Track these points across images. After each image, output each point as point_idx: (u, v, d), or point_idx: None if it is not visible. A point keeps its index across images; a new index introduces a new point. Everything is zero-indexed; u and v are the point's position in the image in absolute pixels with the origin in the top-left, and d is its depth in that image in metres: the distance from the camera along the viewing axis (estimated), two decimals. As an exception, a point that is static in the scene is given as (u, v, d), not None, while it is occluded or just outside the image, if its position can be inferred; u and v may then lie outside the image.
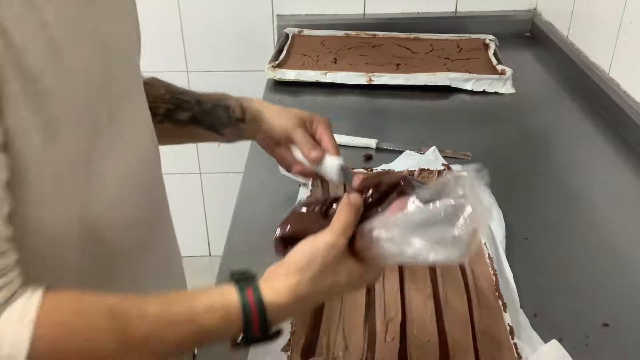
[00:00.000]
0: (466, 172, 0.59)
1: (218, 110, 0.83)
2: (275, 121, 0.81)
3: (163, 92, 0.83)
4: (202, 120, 0.83)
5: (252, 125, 0.83)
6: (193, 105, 0.83)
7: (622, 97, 1.28)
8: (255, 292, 0.55)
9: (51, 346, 0.48)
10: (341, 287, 0.59)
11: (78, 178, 0.57)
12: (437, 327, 0.75)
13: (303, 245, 0.58)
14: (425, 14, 1.84)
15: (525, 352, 0.70)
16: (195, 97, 0.83)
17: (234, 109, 0.83)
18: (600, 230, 0.98)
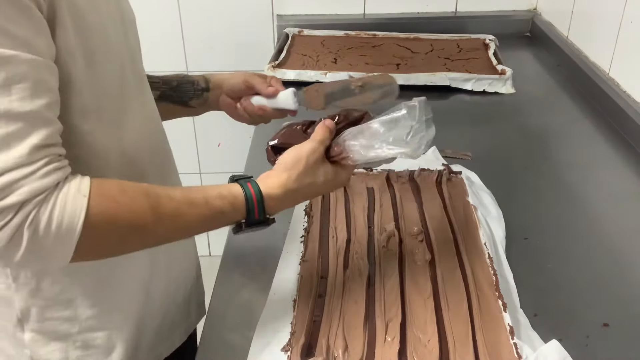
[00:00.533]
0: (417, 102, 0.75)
1: (183, 84, 0.94)
2: (235, 78, 0.92)
3: None
4: (170, 96, 0.93)
5: (215, 92, 0.94)
6: (160, 85, 0.93)
7: (622, 97, 1.28)
8: (254, 185, 0.69)
9: (103, 215, 0.59)
10: (319, 186, 0.74)
11: (113, 106, 0.70)
12: (437, 327, 0.75)
13: (290, 151, 0.73)
14: (425, 14, 1.84)
15: (525, 352, 0.70)
16: (160, 78, 0.93)
17: (197, 81, 0.94)
18: (600, 230, 0.98)
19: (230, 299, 0.83)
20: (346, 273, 0.84)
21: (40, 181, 0.56)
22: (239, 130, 1.28)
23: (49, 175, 0.57)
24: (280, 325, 0.75)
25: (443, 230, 0.92)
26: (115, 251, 0.65)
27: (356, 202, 0.99)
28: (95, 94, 0.67)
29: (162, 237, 0.66)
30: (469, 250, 0.87)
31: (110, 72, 0.69)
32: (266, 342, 0.73)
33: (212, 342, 0.76)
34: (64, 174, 0.59)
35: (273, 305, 0.79)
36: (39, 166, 0.56)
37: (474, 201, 0.98)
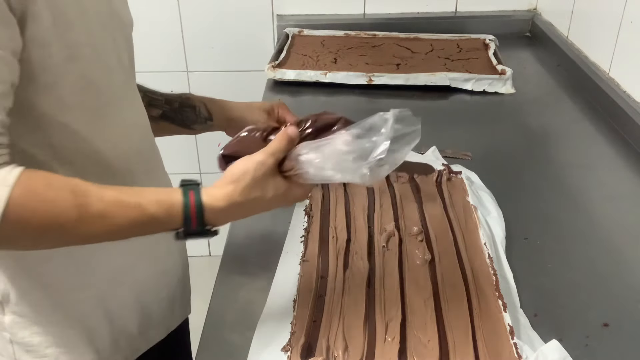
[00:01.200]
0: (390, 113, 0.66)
1: (185, 109, 0.93)
2: (247, 117, 0.91)
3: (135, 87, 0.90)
4: (172, 118, 0.92)
5: (220, 122, 0.94)
6: (163, 104, 0.91)
7: (622, 97, 1.28)
8: (196, 194, 0.66)
9: (22, 207, 0.58)
10: (268, 200, 0.69)
11: (97, 102, 0.70)
12: (437, 327, 0.75)
13: (239, 162, 0.68)
14: (425, 14, 1.84)
15: (525, 352, 0.70)
16: (163, 96, 0.92)
17: (199, 109, 0.93)
18: (600, 230, 0.98)
19: (230, 299, 0.83)
20: (346, 273, 0.84)
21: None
22: (239, 130, 1.28)
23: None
24: (280, 325, 0.75)
25: (443, 230, 0.92)
26: (32, 245, 0.64)
27: (356, 202, 0.99)
28: (77, 88, 0.67)
29: (86, 236, 0.64)
30: (469, 250, 0.87)
31: (95, 69, 0.70)
32: (266, 342, 0.73)
33: (212, 342, 0.76)
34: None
35: (273, 305, 0.79)
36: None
37: (474, 201, 0.98)
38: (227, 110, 0.94)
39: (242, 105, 0.94)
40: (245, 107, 0.94)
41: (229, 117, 0.93)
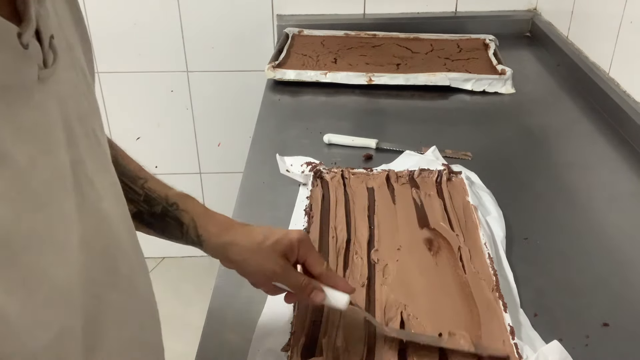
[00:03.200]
0: None
1: (168, 221, 0.69)
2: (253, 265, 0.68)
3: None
4: (149, 224, 0.69)
5: (213, 254, 0.71)
6: (140, 201, 0.68)
7: (622, 97, 1.28)
8: None
9: None
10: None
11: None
12: (437, 327, 0.75)
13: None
14: (425, 14, 1.84)
15: (525, 352, 0.70)
16: (144, 189, 0.68)
17: (187, 227, 0.69)
18: (600, 230, 0.98)
19: (230, 299, 0.83)
20: (346, 273, 0.84)
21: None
22: (239, 130, 1.28)
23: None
24: (280, 325, 0.75)
25: (443, 230, 0.92)
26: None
27: (356, 202, 0.99)
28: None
29: None
30: (469, 250, 0.87)
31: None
32: (266, 342, 0.73)
33: (212, 342, 0.76)
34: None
35: (273, 305, 0.79)
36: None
37: (474, 201, 0.98)
38: (224, 245, 0.69)
39: (246, 245, 0.68)
40: (250, 248, 0.68)
41: (226, 256, 0.70)
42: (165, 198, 0.69)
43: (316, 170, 1.06)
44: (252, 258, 0.68)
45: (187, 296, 2.08)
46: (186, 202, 0.70)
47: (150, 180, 0.69)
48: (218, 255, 0.71)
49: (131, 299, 0.51)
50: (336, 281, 0.69)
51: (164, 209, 0.68)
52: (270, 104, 1.41)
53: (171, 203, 0.69)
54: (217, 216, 0.71)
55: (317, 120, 1.32)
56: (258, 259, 0.67)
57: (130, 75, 1.91)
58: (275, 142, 1.21)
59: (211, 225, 0.69)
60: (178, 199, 0.69)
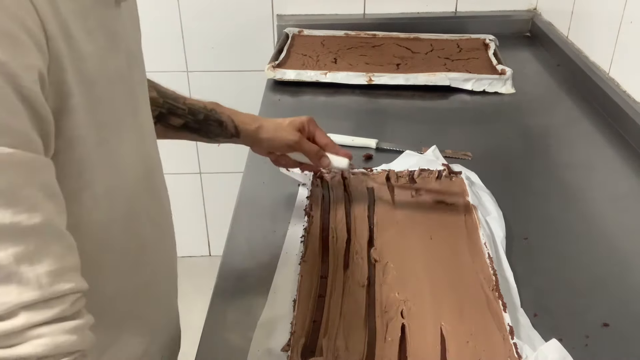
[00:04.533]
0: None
1: (211, 122, 0.88)
2: (277, 138, 0.90)
3: (155, 94, 0.84)
4: (195, 129, 0.88)
5: (247, 140, 0.91)
6: (186, 114, 0.86)
7: (622, 97, 1.28)
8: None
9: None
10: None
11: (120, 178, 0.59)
12: (437, 327, 0.75)
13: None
14: (425, 14, 1.84)
15: (525, 352, 0.70)
16: (187, 105, 0.86)
17: (226, 124, 0.89)
18: (600, 230, 0.98)
19: (230, 299, 0.83)
20: (346, 273, 0.84)
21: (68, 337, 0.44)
22: (239, 130, 1.28)
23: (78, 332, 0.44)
24: (280, 325, 0.75)
25: (443, 230, 0.92)
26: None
27: (356, 202, 0.99)
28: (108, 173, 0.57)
29: None
30: (469, 250, 0.87)
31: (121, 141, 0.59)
32: (266, 343, 0.73)
33: (212, 342, 0.76)
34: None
35: (273, 305, 0.79)
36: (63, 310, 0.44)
37: (474, 201, 0.98)
38: (256, 129, 0.91)
39: (271, 126, 0.91)
40: (274, 127, 0.91)
41: (257, 137, 0.91)
42: (204, 107, 0.88)
43: (316, 170, 1.06)
44: (278, 133, 0.90)
45: (187, 296, 2.08)
46: (219, 107, 0.90)
47: (187, 98, 0.88)
48: (250, 141, 0.91)
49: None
50: (337, 149, 0.94)
51: (206, 115, 0.88)
52: (270, 104, 1.41)
53: (210, 109, 0.88)
54: (245, 114, 0.92)
55: (317, 120, 1.31)
56: (282, 133, 0.90)
57: (130, 75, 1.91)
58: (275, 142, 1.21)
59: (243, 118, 0.90)
60: (214, 106, 0.89)
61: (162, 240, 0.72)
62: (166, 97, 0.85)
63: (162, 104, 0.84)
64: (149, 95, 0.76)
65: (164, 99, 0.85)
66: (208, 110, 0.88)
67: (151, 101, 0.77)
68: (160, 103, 0.84)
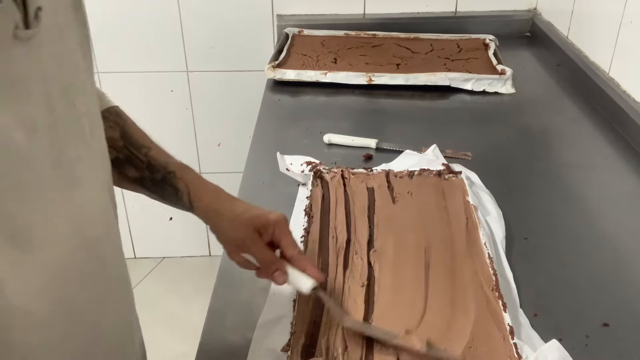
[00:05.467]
0: None
1: (166, 187, 0.75)
2: (228, 232, 0.75)
3: (117, 136, 0.74)
4: (149, 188, 0.76)
5: (202, 218, 0.78)
6: (143, 168, 0.74)
7: (622, 97, 1.28)
8: None
9: None
10: None
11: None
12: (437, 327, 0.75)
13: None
14: (425, 14, 1.84)
15: (525, 352, 0.70)
16: (148, 158, 0.75)
17: (181, 194, 0.75)
18: (600, 230, 0.98)
19: (230, 299, 0.83)
20: (346, 273, 0.84)
21: None
22: (239, 130, 1.28)
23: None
24: (280, 325, 0.75)
25: (443, 230, 0.92)
26: None
27: (356, 202, 0.99)
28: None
29: None
30: (469, 250, 0.87)
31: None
32: (266, 343, 0.73)
33: (212, 342, 0.76)
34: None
35: (273, 305, 0.79)
36: None
37: (474, 201, 0.98)
38: (212, 212, 0.76)
39: (227, 215, 0.75)
40: (230, 218, 0.75)
41: (210, 221, 0.77)
42: (165, 166, 0.75)
43: (316, 170, 1.06)
44: (229, 226, 0.74)
45: (187, 296, 2.08)
46: (182, 171, 0.76)
47: (153, 149, 0.75)
48: (206, 221, 0.77)
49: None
50: (305, 266, 0.75)
51: (163, 176, 0.75)
52: (270, 104, 1.41)
53: (170, 171, 0.75)
54: (209, 186, 0.77)
55: (317, 120, 1.32)
56: (233, 228, 0.74)
57: (130, 75, 1.91)
58: (275, 142, 1.21)
59: (203, 193, 0.76)
60: (176, 168, 0.75)
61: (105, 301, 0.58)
62: (128, 142, 0.74)
63: (121, 149, 0.73)
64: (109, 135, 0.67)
65: (125, 143, 0.73)
66: (167, 171, 0.75)
67: (110, 142, 0.67)
68: (119, 146, 0.73)
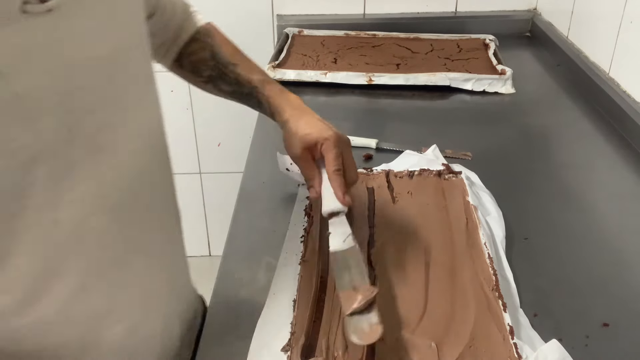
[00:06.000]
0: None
1: (252, 100, 0.85)
2: (286, 147, 0.82)
3: (208, 56, 0.85)
4: (242, 100, 0.86)
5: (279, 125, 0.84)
6: (233, 83, 0.84)
7: (622, 97, 1.28)
8: None
9: None
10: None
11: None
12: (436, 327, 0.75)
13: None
14: (425, 14, 1.84)
15: (525, 352, 0.70)
16: (234, 74, 0.84)
17: (265, 107, 0.84)
18: (600, 230, 0.98)
19: (230, 299, 0.83)
20: (346, 273, 0.84)
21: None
22: (239, 130, 1.28)
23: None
24: (280, 325, 0.75)
25: (443, 230, 0.92)
26: None
27: (356, 201, 0.99)
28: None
29: None
30: (469, 251, 0.87)
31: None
32: (266, 342, 0.73)
33: (212, 342, 0.76)
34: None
35: (273, 305, 0.79)
36: None
37: (474, 201, 0.98)
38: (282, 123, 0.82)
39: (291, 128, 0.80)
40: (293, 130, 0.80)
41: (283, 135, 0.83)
42: (249, 81, 0.84)
43: (316, 170, 1.06)
44: (288, 142, 0.81)
45: (187, 296, 2.08)
46: (264, 86, 0.84)
47: (240, 65, 0.85)
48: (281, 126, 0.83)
49: None
50: (335, 187, 0.78)
51: (249, 91, 0.84)
52: (270, 104, 1.41)
53: (253, 86, 0.84)
54: (287, 100, 0.83)
55: (317, 120, 1.32)
56: (290, 143, 0.80)
57: (130, 75, 1.91)
58: (275, 142, 1.21)
59: (279, 108, 0.83)
60: (259, 83, 0.84)
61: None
62: (217, 60, 0.85)
63: (212, 67, 0.85)
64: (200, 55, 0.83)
65: (215, 62, 0.85)
66: (251, 86, 0.84)
67: (202, 62, 0.85)
68: (210, 65, 0.85)
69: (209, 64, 0.85)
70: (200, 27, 0.87)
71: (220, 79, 0.86)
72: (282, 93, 0.84)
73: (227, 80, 0.85)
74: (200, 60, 0.86)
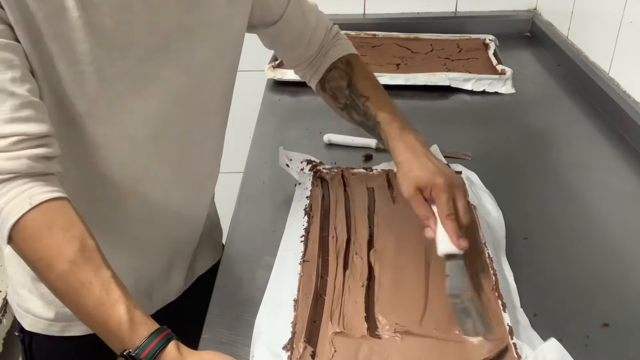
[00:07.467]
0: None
1: (375, 134, 0.90)
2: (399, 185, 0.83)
3: (345, 85, 0.92)
4: (368, 131, 0.91)
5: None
6: (362, 114, 0.90)
7: (622, 97, 1.28)
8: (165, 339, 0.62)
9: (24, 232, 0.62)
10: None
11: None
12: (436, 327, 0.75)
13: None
14: (425, 14, 1.84)
15: (525, 352, 0.70)
16: (364, 107, 0.89)
17: (385, 144, 0.87)
18: (600, 230, 0.98)
19: (230, 299, 0.83)
20: (346, 273, 0.84)
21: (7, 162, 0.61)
22: (239, 130, 1.28)
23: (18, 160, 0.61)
24: (280, 325, 0.75)
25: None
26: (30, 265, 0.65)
27: (356, 202, 0.99)
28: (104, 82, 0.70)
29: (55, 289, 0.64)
30: (469, 251, 0.87)
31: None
32: (266, 342, 0.73)
33: (212, 342, 0.76)
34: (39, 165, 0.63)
35: (273, 305, 0.79)
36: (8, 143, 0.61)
37: (474, 201, 0.97)
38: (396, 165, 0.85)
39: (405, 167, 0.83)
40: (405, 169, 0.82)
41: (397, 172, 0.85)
42: (375, 116, 0.88)
43: (316, 170, 1.06)
44: (401, 180, 0.83)
45: (187, 296, 2.07)
46: (386, 124, 0.87)
47: (371, 98, 0.90)
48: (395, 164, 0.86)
49: None
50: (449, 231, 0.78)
51: (374, 124, 0.88)
52: (270, 104, 1.41)
53: (377, 121, 0.88)
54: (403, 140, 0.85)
55: (317, 120, 1.32)
56: (403, 182, 0.82)
57: (130, 75, 1.91)
58: (275, 142, 1.21)
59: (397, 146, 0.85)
60: (382, 119, 0.87)
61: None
62: (352, 91, 0.91)
63: (347, 96, 0.91)
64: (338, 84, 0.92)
65: (350, 92, 0.92)
66: (376, 121, 0.88)
67: (339, 89, 0.93)
68: (346, 94, 0.92)
69: (345, 92, 0.92)
70: (342, 56, 0.94)
71: (352, 109, 0.91)
72: (401, 133, 0.85)
73: (357, 111, 0.91)
74: (338, 87, 0.93)
